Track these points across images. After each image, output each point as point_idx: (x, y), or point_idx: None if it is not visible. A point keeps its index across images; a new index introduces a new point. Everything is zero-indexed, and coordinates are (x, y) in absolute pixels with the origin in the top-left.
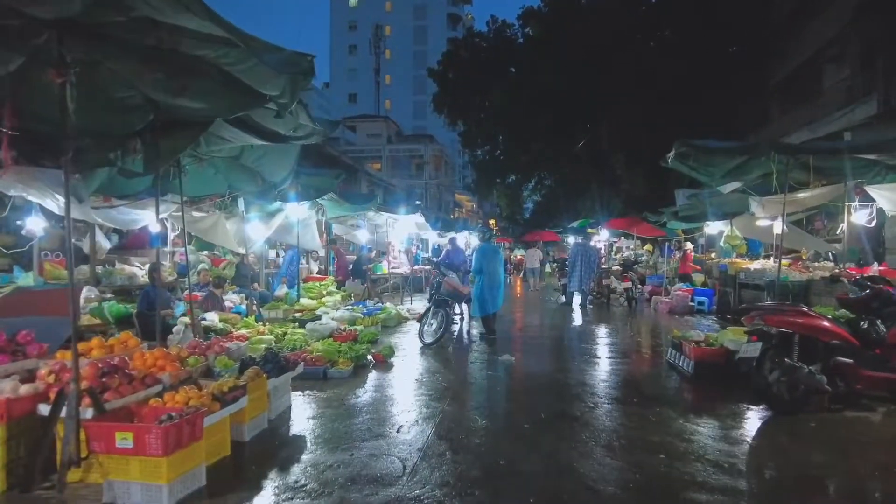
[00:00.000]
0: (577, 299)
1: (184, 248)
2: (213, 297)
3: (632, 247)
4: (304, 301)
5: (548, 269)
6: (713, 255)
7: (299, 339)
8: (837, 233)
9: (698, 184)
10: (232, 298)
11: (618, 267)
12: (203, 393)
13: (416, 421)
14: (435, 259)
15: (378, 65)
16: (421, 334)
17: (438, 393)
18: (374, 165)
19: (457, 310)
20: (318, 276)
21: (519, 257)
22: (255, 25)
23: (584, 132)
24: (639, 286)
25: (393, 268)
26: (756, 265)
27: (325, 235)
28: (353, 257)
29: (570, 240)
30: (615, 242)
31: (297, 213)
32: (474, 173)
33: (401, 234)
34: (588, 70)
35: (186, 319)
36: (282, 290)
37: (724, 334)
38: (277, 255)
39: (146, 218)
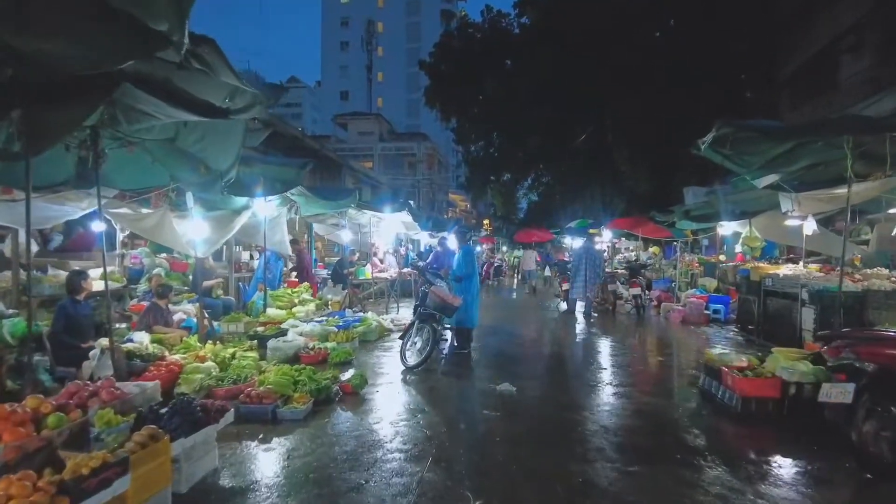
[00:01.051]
0: (580, 307)
1: (138, 250)
2: (155, 310)
3: (632, 248)
4: (272, 312)
5: (547, 272)
6: (722, 257)
7: (249, 364)
8: (861, 235)
9: (709, 181)
10: (187, 309)
11: (623, 271)
12: (45, 483)
13: (383, 502)
14: (421, 263)
15: (370, 62)
16: (403, 354)
17: (418, 448)
18: (366, 164)
19: (447, 324)
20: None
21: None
22: (245, 22)
23: (584, 126)
24: (646, 292)
25: (378, 271)
26: (785, 270)
27: (304, 236)
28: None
29: (567, 240)
30: (615, 244)
31: (265, 211)
32: (467, 170)
33: (387, 234)
34: (588, 60)
35: (104, 342)
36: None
37: (773, 360)
38: (252, 256)
39: (66, 214)
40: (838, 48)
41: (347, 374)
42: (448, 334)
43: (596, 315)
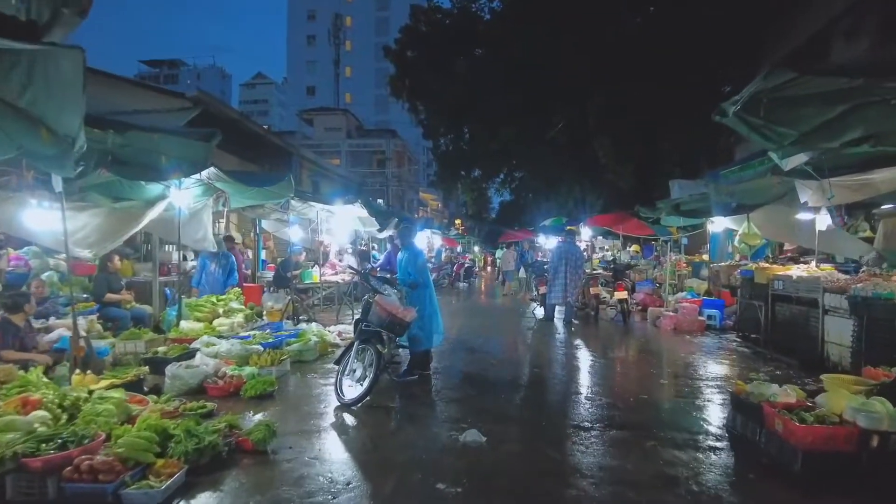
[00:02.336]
0: (559, 312)
1: (24, 249)
2: (4, 329)
3: (607, 247)
4: (186, 326)
5: (522, 273)
6: (705, 257)
7: (106, 412)
8: (860, 232)
9: (693, 174)
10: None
11: (606, 272)
12: None
13: None
14: (372, 265)
15: (338, 56)
16: (339, 385)
17: None
18: (333, 161)
19: (403, 342)
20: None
21: (489, 258)
22: (211, 15)
23: (561, 115)
24: (632, 296)
25: (331, 274)
26: (797, 272)
27: (252, 233)
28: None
29: (542, 239)
30: (594, 242)
31: (184, 201)
32: (437, 165)
33: (341, 231)
34: (566, 45)
35: None
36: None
37: (834, 397)
38: (184, 258)
39: None
40: (831, 33)
41: (254, 420)
42: (403, 355)
43: (577, 322)
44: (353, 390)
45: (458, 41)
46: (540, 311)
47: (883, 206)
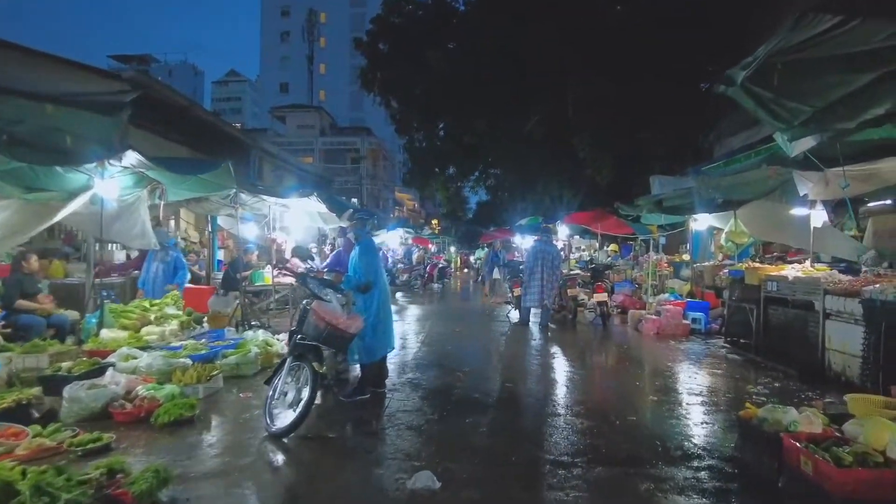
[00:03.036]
0: (534, 316)
1: None
2: None
3: (584, 247)
4: (108, 335)
5: (496, 274)
6: (685, 256)
7: None
8: (846, 230)
9: (674, 171)
10: None
11: (584, 273)
12: None
13: None
14: (315, 266)
15: (312, 53)
16: (267, 412)
17: None
18: (307, 159)
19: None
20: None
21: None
22: (183, 11)
23: (538, 108)
24: (612, 297)
25: (282, 275)
26: (792, 272)
27: (206, 230)
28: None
29: (517, 238)
30: (571, 241)
31: (108, 192)
32: (410, 162)
33: (298, 228)
34: (543, 33)
35: None
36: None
37: (873, 429)
38: (129, 256)
39: None
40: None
41: (139, 467)
42: (352, 371)
43: (553, 326)
44: (283, 418)
45: (432, 32)
46: (515, 315)
47: (870, 204)
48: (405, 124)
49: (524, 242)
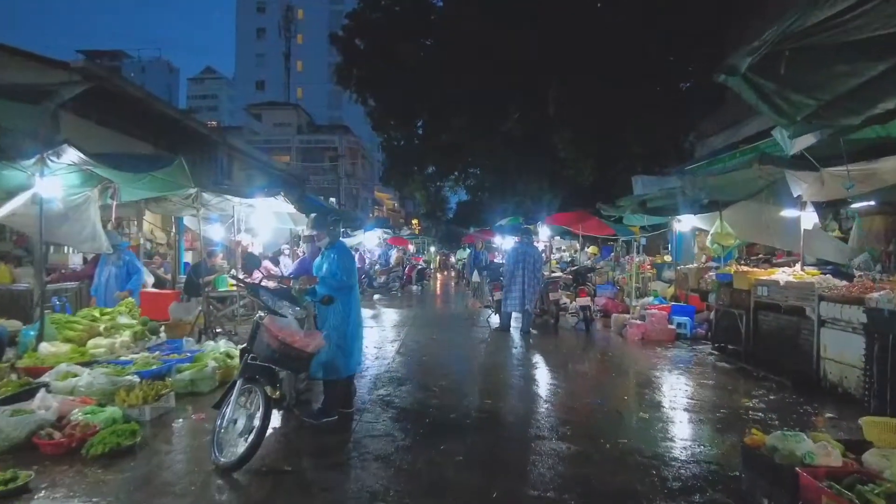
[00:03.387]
0: (516, 321)
1: None
2: None
3: (563, 248)
4: (50, 348)
5: (475, 277)
6: (667, 258)
7: None
8: (829, 231)
9: (654, 171)
10: None
11: (566, 275)
12: None
13: None
14: (258, 274)
15: (288, 50)
16: (215, 442)
17: None
18: (283, 158)
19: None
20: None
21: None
22: (157, 6)
23: (518, 104)
24: (594, 301)
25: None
26: (783, 276)
27: (172, 232)
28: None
29: (497, 239)
30: (552, 243)
31: (51, 191)
32: (387, 160)
33: (266, 229)
34: (522, 30)
35: None
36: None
37: None
38: (85, 260)
39: None
40: None
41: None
42: (317, 388)
43: (535, 332)
44: (233, 449)
45: (410, 29)
46: (495, 320)
47: (854, 205)
48: (382, 122)
49: (504, 243)
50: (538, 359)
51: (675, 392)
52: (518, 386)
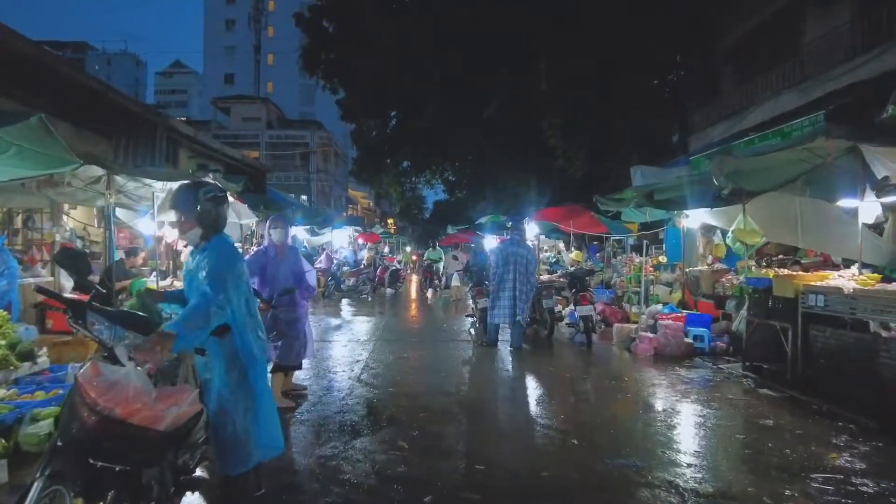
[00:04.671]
0: (503, 332)
1: None
2: None
3: (546, 248)
4: None
5: (455, 281)
6: (662, 258)
7: None
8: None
9: (650, 163)
10: None
11: (561, 279)
12: None
13: None
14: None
15: (259, 42)
16: None
17: None
18: (252, 154)
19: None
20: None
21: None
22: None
23: (501, 89)
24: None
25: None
26: (844, 283)
27: (100, 226)
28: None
29: (479, 240)
30: (539, 240)
31: None
32: (358, 153)
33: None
34: (512, 5)
35: None
36: None
37: None
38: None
39: None
40: (800, 5)
41: None
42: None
43: (527, 348)
44: None
45: (382, 7)
46: (477, 330)
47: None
48: (353, 110)
49: (485, 242)
50: (538, 389)
51: (722, 438)
52: (513, 435)
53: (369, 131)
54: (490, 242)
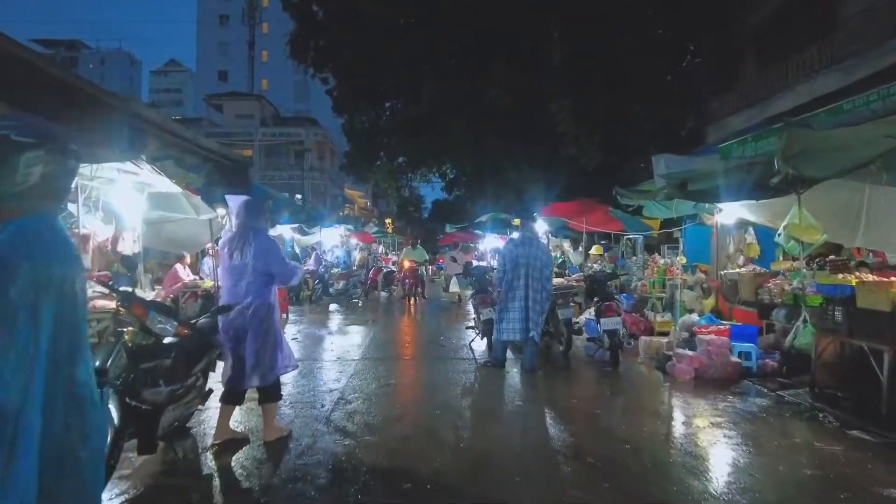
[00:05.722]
0: (513, 350)
1: None
2: None
3: (551, 248)
4: None
5: (454, 287)
6: (682, 259)
7: None
8: None
9: (675, 151)
10: None
11: (577, 283)
12: None
13: None
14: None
15: (252, 38)
16: None
17: None
18: (246, 152)
19: None
20: None
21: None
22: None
23: (506, 70)
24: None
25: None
26: None
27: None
28: None
29: (481, 240)
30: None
31: None
32: (349, 145)
33: (132, 213)
34: None
35: None
36: None
37: None
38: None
39: None
40: None
41: None
42: None
43: (541, 373)
44: None
45: None
46: (481, 345)
47: None
48: (344, 99)
49: (485, 243)
50: (562, 434)
51: None
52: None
53: (362, 123)
54: (491, 243)
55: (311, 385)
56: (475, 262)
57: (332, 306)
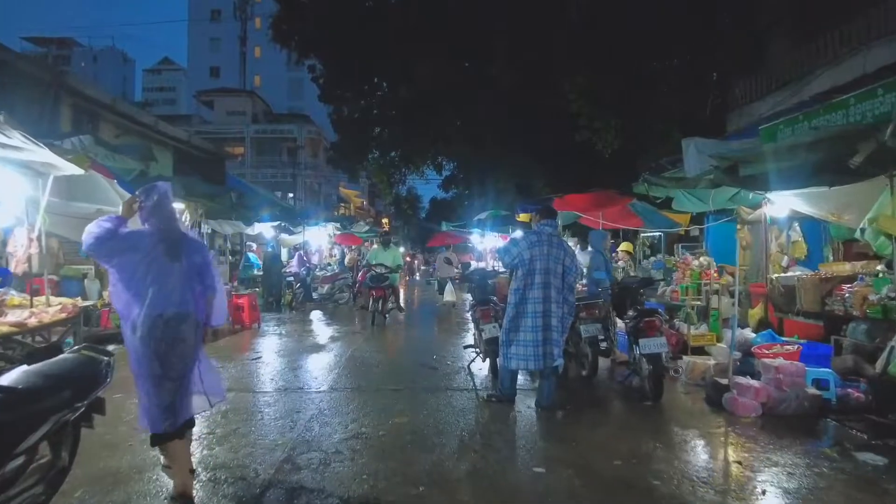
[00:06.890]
0: (522, 380)
1: None
2: None
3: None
4: None
5: (448, 295)
6: (704, 259)
7: None
8: None
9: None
10: None
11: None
12: None
13: None
14: None
15: (245, 33)
16: None
17: None
18: (237, 149)
19: None
20: None
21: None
22: None
23: (510, 44)
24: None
25: None
26: None
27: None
28: None
29: (475, 238)
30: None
31: None
32: (336, 134)
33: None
34: None
35: None
36: None
37: None
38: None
39: None
40: None
41: None
42: None
43: (560, 413)
44: None
45: None
46: (482, 369)
47: None
48: (331, 86)
49: (483, 243)
50: None
51: None
52: None
53: (350, 111)
54: (491, 242)
55: (255, 435)
56: (473, 264)
57: (314, 314)
